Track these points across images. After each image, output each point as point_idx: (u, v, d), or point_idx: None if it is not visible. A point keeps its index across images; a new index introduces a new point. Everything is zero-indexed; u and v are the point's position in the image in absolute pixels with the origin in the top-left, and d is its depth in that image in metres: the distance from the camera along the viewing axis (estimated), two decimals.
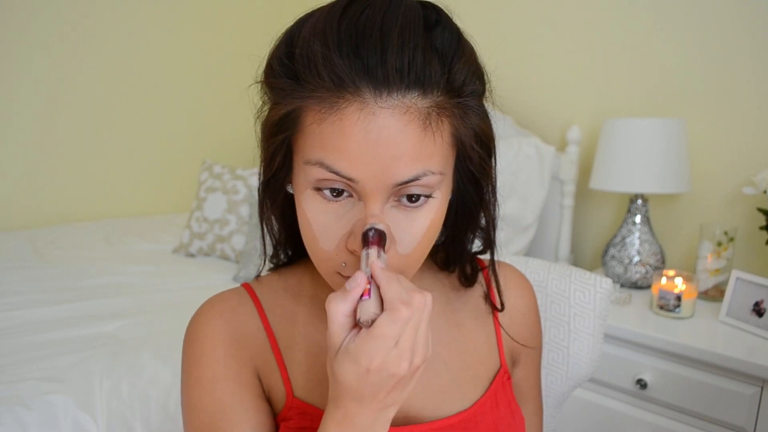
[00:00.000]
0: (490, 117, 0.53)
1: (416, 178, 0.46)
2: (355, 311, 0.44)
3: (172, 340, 1.26)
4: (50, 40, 2.22)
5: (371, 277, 0.44)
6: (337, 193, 0.48)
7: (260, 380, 0.59)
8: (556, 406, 0.86)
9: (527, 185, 1.82)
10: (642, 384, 1.32)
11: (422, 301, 0.43)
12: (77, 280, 1.66)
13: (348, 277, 0.48)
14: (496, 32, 2.05)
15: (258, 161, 0.54)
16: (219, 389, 0.55)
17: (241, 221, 1.93)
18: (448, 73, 0.46)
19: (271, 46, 0.51)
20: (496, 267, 0.67)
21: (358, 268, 0.47)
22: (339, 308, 0.43)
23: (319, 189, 0.48)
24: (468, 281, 0.66)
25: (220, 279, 1.77)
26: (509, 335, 0.67)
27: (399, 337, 0.42)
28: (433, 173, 0.47)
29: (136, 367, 1.18)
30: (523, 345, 0.68)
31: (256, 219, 1.81)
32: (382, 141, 0.45)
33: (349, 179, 0.46)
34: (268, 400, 0.59)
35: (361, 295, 0.43)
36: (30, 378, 1.10)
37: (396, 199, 0.48)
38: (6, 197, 2.20)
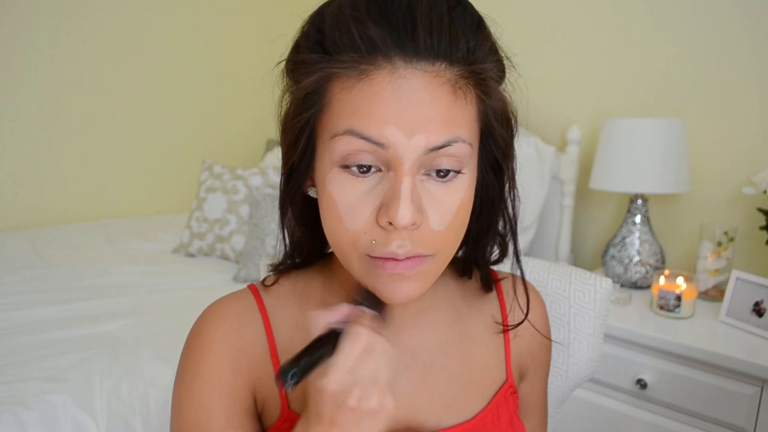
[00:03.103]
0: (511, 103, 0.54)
1: (447, 144, 0.46)
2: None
3: (172, 340, 1.26)
4: (51, 41, 2.22)
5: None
6: (366, 169, 0.47)
7: (255, 394, 0.58)
8: (556, 406, 0.86)
9: (527, 185, 1.82)
10: (642, 384, 1.32)
11: (384, 346, 0.46)
12: (77, 280, 1.66)
13: (379, 258, 0.48)
14: (496, 32, 2.05)
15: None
16: (206, 399, 0.55)
17: (241, 221, 1.93)
18: (472, 49, 0.47)
19: (297, 34, 0.51)
20: (510, 279, 0.66)
21: (388, 245, 0.47)
22: (319, 322, 0.46)
23: (345, 166, 0.47)
24: (489, 287, 0.65)
25: (220, 279, 1.77)
26: (533, 327, 0.66)
27: (355, 370, 0.45)
28: (463, 141, 0.47)
29: (136, 367, 1.19)
30: (543, 336, 0.68)
31: (256, 219, 1.81)
32: (414, 103, 0.45)
33: (380, 144, 0.45)
34: (262, 411, 0.59)
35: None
36: (30, 378, 1.10)
37: (426, 172, 0.48)
38: (6, 197, 2.20)
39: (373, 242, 0.48)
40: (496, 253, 0.63)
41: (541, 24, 2.00)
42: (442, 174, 0.48)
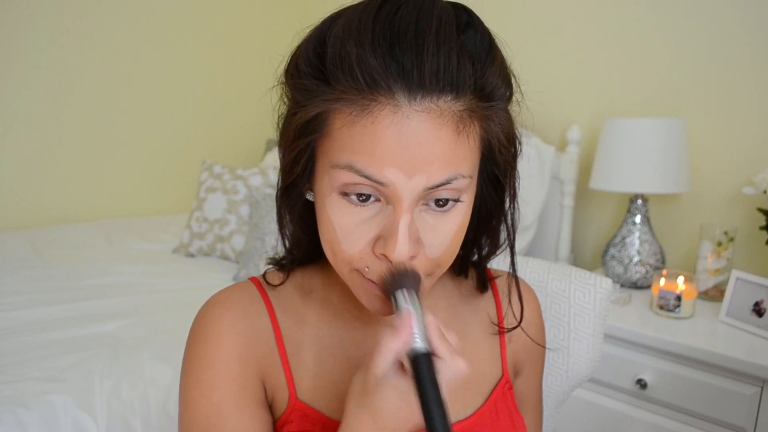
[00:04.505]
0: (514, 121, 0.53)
1: (447, 182, 0.46)
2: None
3: (172, 340, 1.26)
4: (51, 41, 2.22)
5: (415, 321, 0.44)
6: (365, 197, 0.47)
7: (264, 384, 0.58)
8: (556, 406, 0.86)
9: (527, 185, 1.82)
10: (642, 384, 1.32)
11: (458, 341, 0.46)
12: (77, 280, 1.66)
13: (369, 280, 0.49)
14: (496, 32, 2.05)
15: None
16: (218, 391, 0.55)
17: (241, 221, 1.93)
18: (481, 78, 0.46)
19: (294, 45, 0.50)
20: (506, 277, 0.67)
21: (381, 272, 0.47)
22: (391, 346, 0.43)
23: (345, 194, 0.47)
24: (484, 287, 0.66)
25: (220, 279, 1.77)
26: (526, 333, 0.66)
27: (452, 381, 0.43)
28: (463, 176, 0.47)
29: (136, 367, 1.19)
30: (536, 343, 0.68)
31: (256, 219, 1.81)
32: (415, 145, 0.44)
33: (380, 183, 0.45)
34: (271, 403, 0.59)
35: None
36: (30, 378, 1.10)
37: (424, 203, 0.48)
38: (6, 197, 2.20)
39: (367, 269, 0.48)
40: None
41: (541, 24, 2.00)
42: (441, 203, 0.48)
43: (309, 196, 0.54)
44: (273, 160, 2.42)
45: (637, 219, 1.61)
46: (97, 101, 2.38)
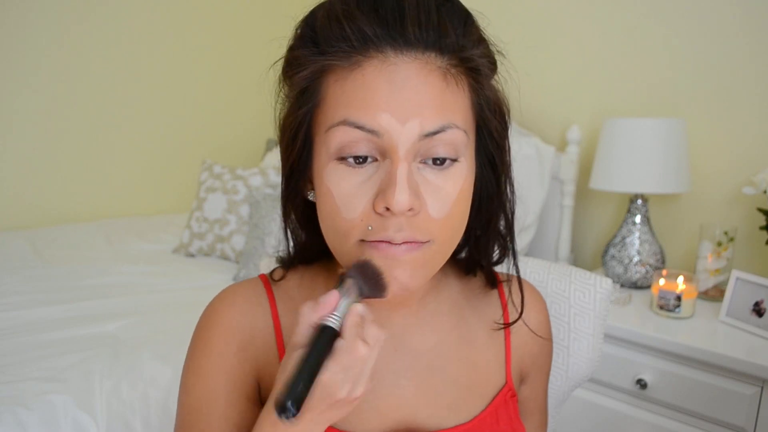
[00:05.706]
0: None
1: (441, 130, 0.47)
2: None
3: (172, 340, 1.26)
4: (51, 41, 2.22)
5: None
6: (362, 159, 0.48)
7: (260, 381, 0.59)
8: (556, 406, 0.86)
9: (527, 185, 1.82)
10: (642, 384, 1.32)
11: (378, 336, 0.46)
12: (77, 280, 1.66)
13: (375, 242, 0.48)
14: (496, 32, 2.05)
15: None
16: (212, 382, 0.56)
17: (241, 221, 1.93)
18: (461, 40, 0.48)
19: (290, 36, 0.52)
20: (511, 280, 0.66)
21: (385, 230, 0.47)
22: (308, 318, 0.45)
23: (342, 159, 0.48)
24: (493, 283, 0.66)
25: (220, 279, 1.77)
26: (527, 326, 0.66)
27: (350, 367, 0.44)
28: (457, 127, 0.48)
29: (136, 367, 1.19)
30: (540, 336, 0.68)
31: (256, 219, 1.81)
32: (406, 90, 0.46)
33: (374, 132, 0.46)
34: (267, 398, 0.59)
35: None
36: (30, 378, 1.10)
37: (422, 160, 0.48)
38: (6, 197, 2.20)
39: (370, 228, 0.48)
40: (497, 252, 0.63)
41: (541, 24, 2.00)
42: (438, 162, 0.49)
43: (310, 197, 0.55)
44: (273, 160, 2.42)
45: (637, 219, 1.61)
46: (97, 101, 2.38)
